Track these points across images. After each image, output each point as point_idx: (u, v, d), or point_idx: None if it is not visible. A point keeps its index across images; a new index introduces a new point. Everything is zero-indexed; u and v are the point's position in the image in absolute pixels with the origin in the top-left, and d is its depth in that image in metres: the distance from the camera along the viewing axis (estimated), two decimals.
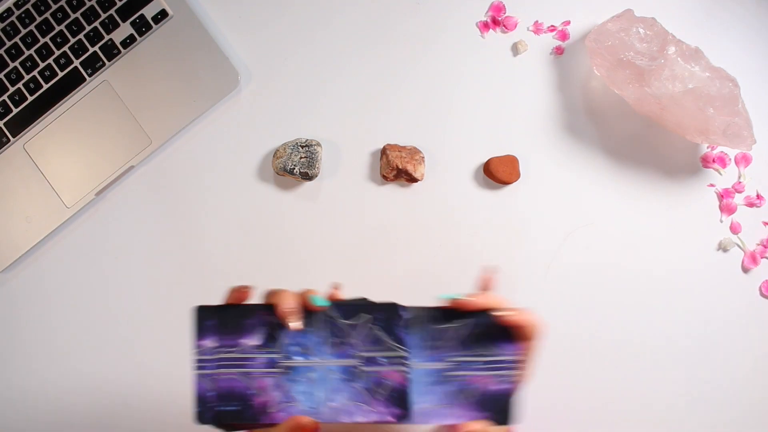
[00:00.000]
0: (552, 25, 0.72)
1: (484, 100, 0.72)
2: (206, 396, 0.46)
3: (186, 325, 0.70)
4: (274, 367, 0.46)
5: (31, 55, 0.70)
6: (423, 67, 0.72)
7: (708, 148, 0.71)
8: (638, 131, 0.71)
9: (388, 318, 0.47)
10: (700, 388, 0.70)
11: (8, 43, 0.70)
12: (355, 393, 0.46)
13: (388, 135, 0.71)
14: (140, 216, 0.71)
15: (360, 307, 0.47)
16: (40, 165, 0.70)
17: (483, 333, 0.48)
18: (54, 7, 0.70)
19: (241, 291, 0.47)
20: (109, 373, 0.70)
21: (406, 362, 0.47)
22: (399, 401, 0.46)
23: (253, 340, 0.46)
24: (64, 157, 0.70)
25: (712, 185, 0.71)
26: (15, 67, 0.70)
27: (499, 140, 0.71)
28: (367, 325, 0.47)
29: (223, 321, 0.46)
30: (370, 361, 0.47)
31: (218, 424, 0.46)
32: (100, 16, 0.70)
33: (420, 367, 0.47)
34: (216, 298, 0.71)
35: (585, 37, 0.71)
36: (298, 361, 0.47)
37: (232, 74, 0.70)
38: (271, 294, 0.47)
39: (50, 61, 0.70)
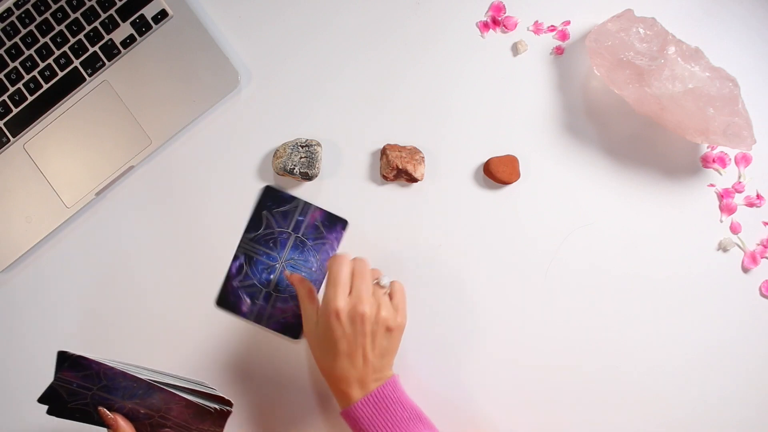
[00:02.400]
0: (552, 25, 0.72)
1: (484, 100, 0.72)
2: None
3: (186, 325, 0.70)
4: None
5: (31, 55, 0.70)
6: (423, 67, 0.72)
7: (708, 148, 0.71)
8: (638, 131, 0.71)
9: (273, 197, 0.68)
10: (700, 387, 0.70)
11: (8, 43, 0.70)
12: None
13: (388, 135, 0.71)
14: (140, 216, 0.71)
15: (255, 212, 0.69)
16: (40, 165, 0.70)
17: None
18: (54, 7, 0.70)
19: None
20: None
21: None
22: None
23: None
24: (64, 157, 0.70)
25: (712, 185, 0.71)
26: (15, 67, 0.70)
27: (499, 140, 0.71)
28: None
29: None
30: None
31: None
32: (100, 16, 0.70)
33: None
34: (214, 295, 0.71)
35: (585, 37, 0.71)
36: None
37: (232, 74, 0.70)
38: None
39: (50, 61, 0.70)
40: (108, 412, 0.57)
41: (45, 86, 0.70)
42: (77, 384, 0.55)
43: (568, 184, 0.71)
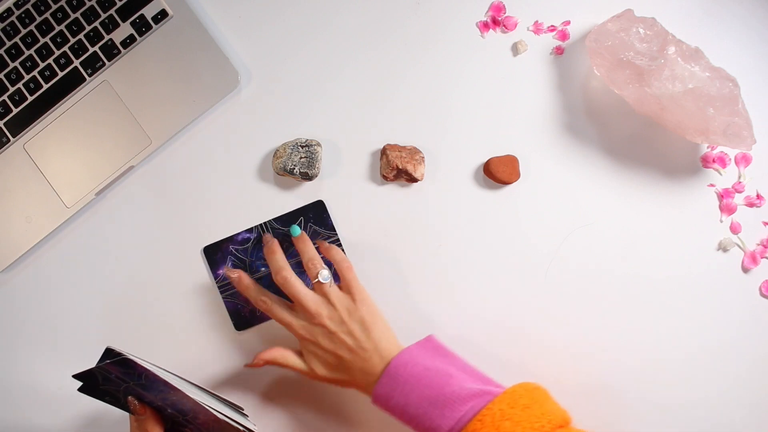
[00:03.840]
0: (552, 25, 0.72)
1: (484, 100, 0.72)
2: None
3: (185, 325, 0.70)
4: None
5: (31, 55, 0.70)
6: (423, 67, 0.72)
7: (708, 148, 0.71)
8: (638, 131, 0.71)
9: (318, 213, 0.70)
10: (700, 387, 0.70)
11: (8, 43, 0.70)
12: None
13: (388, 135, 0.71)
14: (140, 216, 0.71)
15: (294, 212, 0.70)
16: (40, 165, 0.70)
17: None
18: (54, 7, 0.70)
19: None
20: None
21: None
22: None
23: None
24: (64, 157, 0.70)
25: (712, 185, 0.71)
26: (15, 67, 0.70)
27: (499, 140, 0.71)
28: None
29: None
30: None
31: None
32: (100, 16, 0.70)
33: None
34: (215, 297, 0.71)
35: (585, 37, 0.71)
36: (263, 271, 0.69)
37: (232, 74, 0.70)
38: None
39: (50, 61, 0.70)
40: (136, 403, 0.57)
41: (45, 86, 0.70)
42: (116, 375, 0.55)
43: (568, 184, 0.71)
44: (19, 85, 0.70)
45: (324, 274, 0.63)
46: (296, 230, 0.66)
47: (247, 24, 0.72)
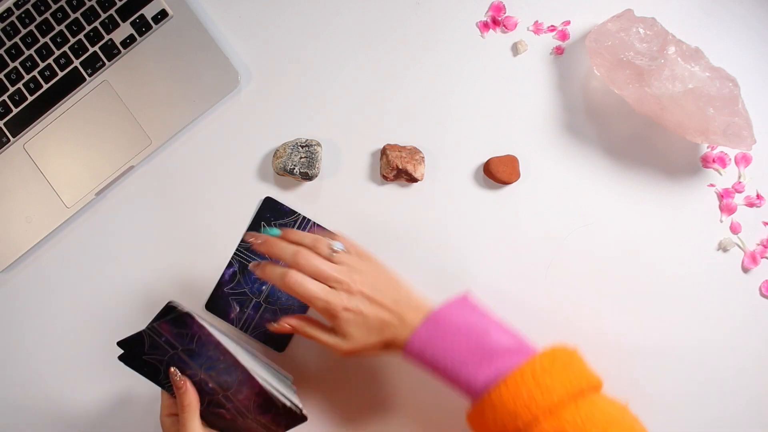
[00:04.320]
0: (552, 25, 0.72)
1: (484, 100, 0.72)
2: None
3: None
4: None
5: (31, 55, 0.70)
6: (423, 67, 0.72)
7: (708, 148, 0.71)
8: (638, 131, 0.71)
9: (273, 209, 0.69)
10: (700, 387, 0.70)
11: (8, 43, 0.70)
12: None
13: (388, 135, 0.71)
14: (140, 216, 0.71)
15: (253, 224, 0.70)
16: (40, 165, 0.70)
17: None
18: (54, 7, 0.70)
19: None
20: (109, 373, 0.70)
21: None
22: None
23: None
24: (64, 157, 0.70)
25: (712, 185, 0.71)
26: (15, 67, 0.70)
27: (499, 140, 0.71)
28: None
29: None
30: None
31: None
32: (100, 16, 0.70)
33: None
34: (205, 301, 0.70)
35: (585, 37, 0.71)
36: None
37: (232, 74, 0.70)
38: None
39: (50, 61, 0.70)
40: (179, 374, 0.56)
41: (45, 86, 0.70)
42: (165, 339, 0.55)
43: (568, 184, 0.71)
44: (19, 85, 0.70)
45: (338, 244, 0.61)
46: (274, 230, 0.63)
47: (247, 24, 0.72)
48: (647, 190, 0.71)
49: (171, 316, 0.54)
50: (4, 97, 0.70)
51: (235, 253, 0.70)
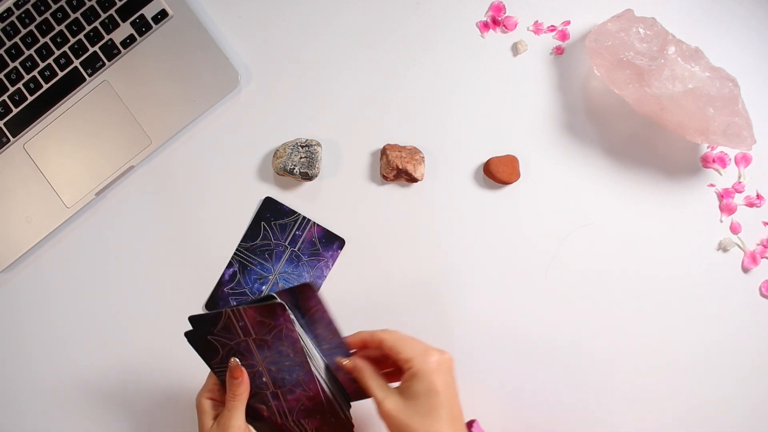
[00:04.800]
0: (552, 25, 0.72)
1: (484, 100, 0.72)
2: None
3: (186, 324, 0.70)
4: None
5: (31, 55, 0.70)
6: (423, 67, 0.72)
7: (708, 148, 0.71)
8: (638, 131, 0.71)
9: (273, 209, 0.68)
10: (700, 387, 0.70)
11: (8, 43, 0.70)
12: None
13: (388, 135, 0.71)
14: (140, 216, 0.71)
15: (253, 224, 0.70)
16: (40, 165, 0.70)
17: None
18: (54, 7, 0.70)
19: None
20: (109, 372, 0.70)
21: None
22: None
23: None
24: (64, 157, 0.70)
25: (712, 185, 0.71)
26: (15, 67, 0.70)
27: (499, 140, 0.71)
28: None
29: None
30: None
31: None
32: (100, 16, 0.70)
33: None
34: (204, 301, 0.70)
35: (585, 37, 0.71)
36: None
37: (232, 74, 0.70)
38: None
39: (50, 61, 0.70)
40: (240, 364, 0.55)
41: (45, 86, 0.70)
42: (243, 324, 0.53)
43: (568, 184, 0.71)
44: (19, 85, 0.70)
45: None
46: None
47: (247, 24, 0.72)
48: (647, 190, 0.71)
49: (264, 303, 0.53)
50: (4, 97, 0.70)
51: (235, 253, 0.70)
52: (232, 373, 0.55)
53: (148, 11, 0.70)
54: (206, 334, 0.55)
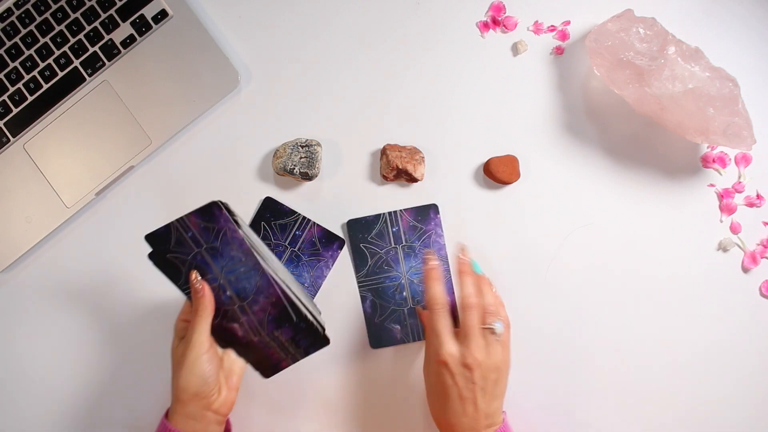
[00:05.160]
0: (552, 25, 0.72)
1: (484, 100, 0.72)
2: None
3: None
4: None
5: (31, 55, 0.70)
6: (423, 67, 0.72)
7: (708, 148, 0.71)
8: (638, 131, 0.71)
9: (273, 209, 0.68)
10: (700, 387, 0.70)
11: (8, 43, 0.70)
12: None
13: (388, 135, 0.71)
14: (140, 216, 0.71)
15: (253, 224, 0.69)
16: (40, 165, 0.70)
17: None
18: (54, 7, 0.70)
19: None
20: (109, 372, 0.70)
21: None
22: None
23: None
24: (64, 157, 0.70)
25: (712, 185, 0.71)
26: (15, 67, 0.70)
27: (499, 140, 0.71)
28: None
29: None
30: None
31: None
32: (100, 16, 0.70)
33: None
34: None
35: (585, 37, 0.71)
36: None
37: (232, 74, 0.70)
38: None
39: (50, 61, 0.70)
40: (198, 276, 0.56)
41: (45, 86, 0.70)
42: (191, 234, 0.54)
43: (568, 184, 0.71)
44: (19, 85, 0.70)
45: (499, 327, 0.58)
46: (478, 268, 0.62)
47: (247, 24, 0.72)
48: (647, 190, 0.71)
49: (202, 206, 0.53)
50: (4, 97, 0.70)
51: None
52: (193, 288, 0.56)
53: (148, 11, 0.70)
54: (165, 252, 0.56)
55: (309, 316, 0.56)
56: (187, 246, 0.55)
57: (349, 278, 0.70)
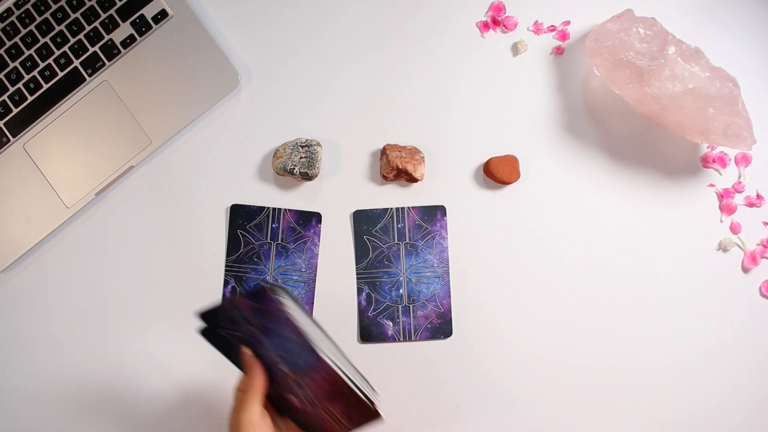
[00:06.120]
0: (552, 25, 0.72)
1: (484, 100, 0.72)
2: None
3: (186, 325, 0.70)
4: None
5: (31, 55, 0.70)
6: (423, 67, 0.72)
7: (708, 148, 0.71)
8: (638, 131, 0.71)
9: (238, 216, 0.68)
10: (700, 387, 0.70)
11: (8, 43, 0.70)
12: None
13: (388, 135, 0.71)
14: (140, 216, 0.71)
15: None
16: (40, 165, 0.70)
17: None
18: (54, 7, 0.70)
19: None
20: (109, 372, 0.70)
21: None
22: None
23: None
24: (64, 157, 0.70)
25: (712, 185, 0.71)
26: (15, 67, 0.70)
27: (499, 140, 0.71)
28: None
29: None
30: None
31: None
32: (100, 16, 0.70)
33: None
34: (214, 297, 0.71)
35: (585, 37, 0.71)
36: None
37: (232, 74, 0.70)
38: None
39: (50, 61, 0.70)
40: (250, 353, 0.56)
41: (45, 86, 0.70)
42: (242, 314, 0.54)
43: (568, 184, 0.71)
44: (19, 85, 0.70)
45: None
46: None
47: (247, 24, 0.72)
48: (647, 190, 0.71)
49: (252, 290, 0.54)
50: (4, 97, 0.70)
51: (225, 270, 0.70)
52: (245, 363, 0.56)
53: (148, 11, 0.70)
54: (215, 327, 0.56)
55: (359, 393, 0.57)
56: (239, 323, 0.55)
57: (348, 269, 0.70)
